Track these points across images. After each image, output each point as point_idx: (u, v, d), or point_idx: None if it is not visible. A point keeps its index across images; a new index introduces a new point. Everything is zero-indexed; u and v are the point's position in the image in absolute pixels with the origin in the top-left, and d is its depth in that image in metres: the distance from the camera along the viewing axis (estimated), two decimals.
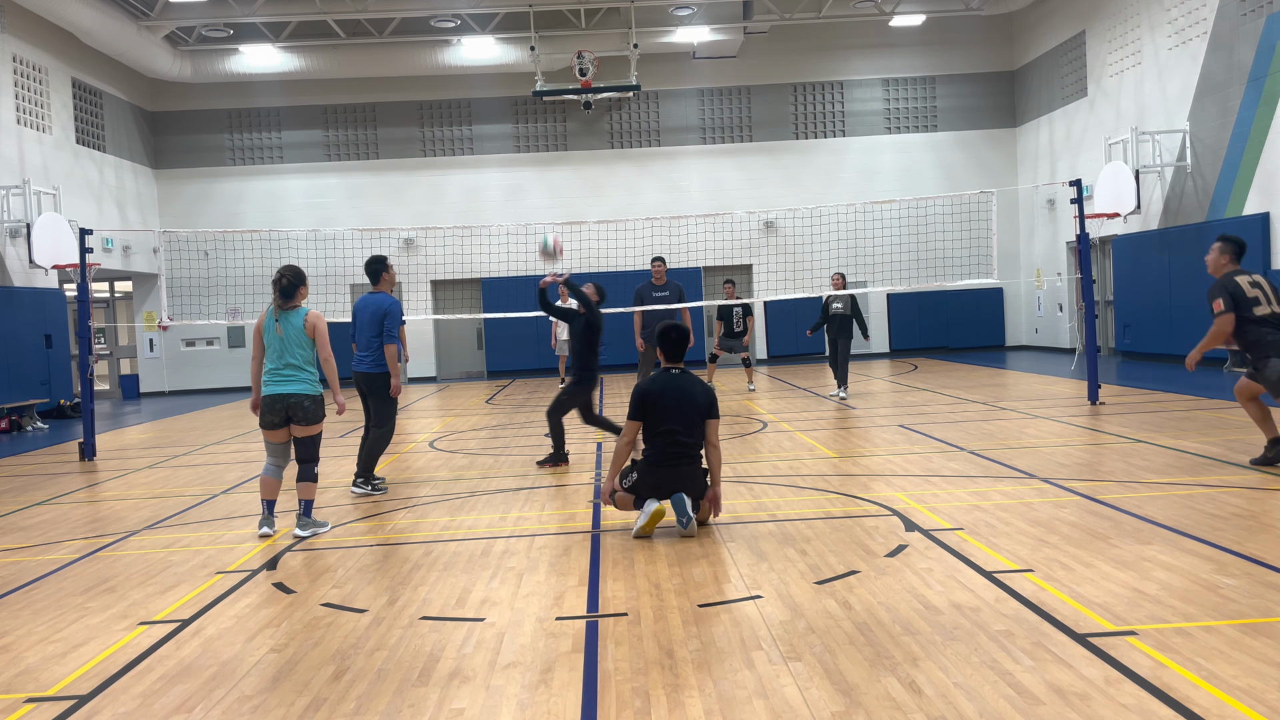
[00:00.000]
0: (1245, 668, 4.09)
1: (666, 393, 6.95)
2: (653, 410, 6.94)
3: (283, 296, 7.37)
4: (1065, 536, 6.30)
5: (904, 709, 3.86)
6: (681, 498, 6.84)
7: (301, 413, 7.30)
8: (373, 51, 23.17)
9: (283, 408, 7.29)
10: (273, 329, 7.38)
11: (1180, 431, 10.31)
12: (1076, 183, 13.24)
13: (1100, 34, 20.94)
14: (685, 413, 6.92)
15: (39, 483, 10.99)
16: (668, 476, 6.91)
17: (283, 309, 7.39)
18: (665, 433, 6.90)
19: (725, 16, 23.05)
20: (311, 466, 7.46)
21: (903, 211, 23.19)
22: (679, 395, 6.95)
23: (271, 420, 7.32)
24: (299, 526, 7.44)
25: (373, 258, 9.50)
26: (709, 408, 6.99)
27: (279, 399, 7.28)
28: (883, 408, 13.94)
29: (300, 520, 7.46)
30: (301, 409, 7.29)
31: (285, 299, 7.37)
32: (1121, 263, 20.20)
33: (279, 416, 7.31)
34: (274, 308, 7.43)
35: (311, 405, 7.33)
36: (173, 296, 22.64)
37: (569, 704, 4.10)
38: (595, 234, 21.73)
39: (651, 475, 6.93)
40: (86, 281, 12.70)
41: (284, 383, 7.29)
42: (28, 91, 19.19)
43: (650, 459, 6.95)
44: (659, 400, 6.94)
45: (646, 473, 6.94)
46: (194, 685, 4.50)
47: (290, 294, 7.38)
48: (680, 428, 6.89)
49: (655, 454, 6.93)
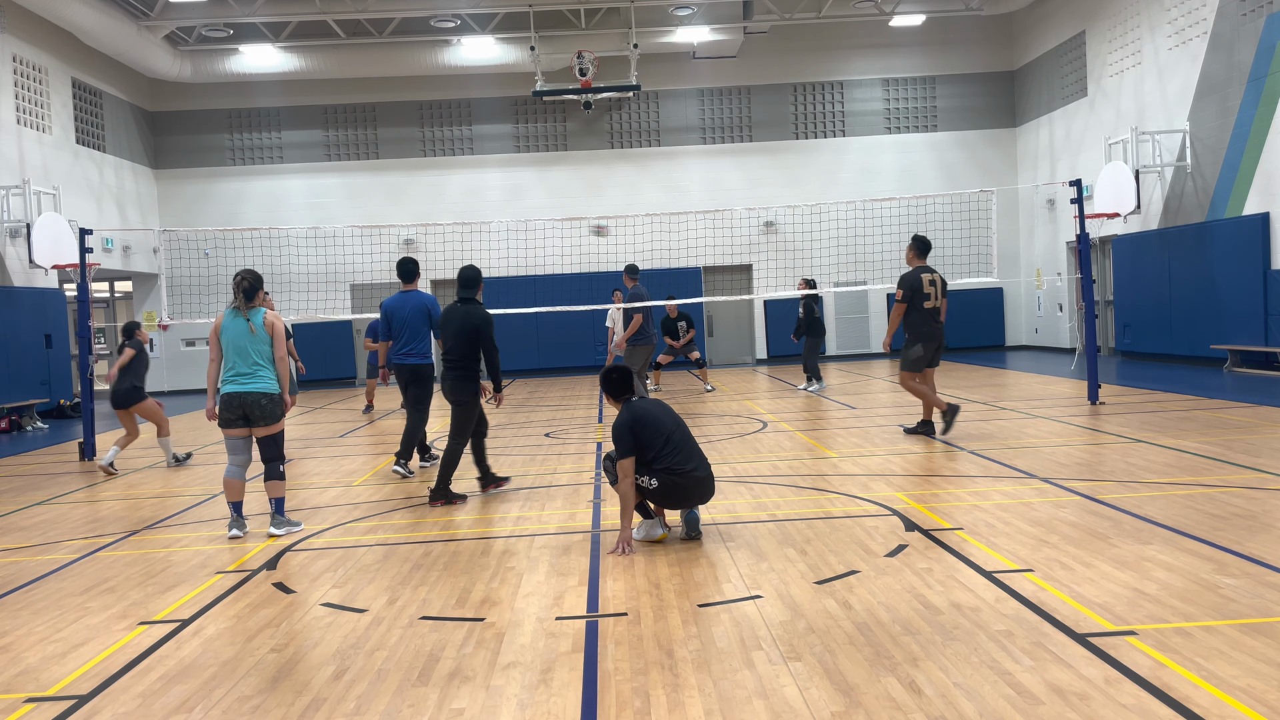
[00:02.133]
0: (1245, 668, 4.09)
1: (652, 416, 6.62)
2: (650, 435, 6.55)
3: (246, 297, 7.49)
4: (1065, 536, 6.29)
5: (904, 709, 3.86)
6: (695, 513, 6.76)
7: (259, 411, 7.40)
8: (373, 51, 23.17)
9: (239, 405, 7.39)
10: (233, 329, 7.47)
11: (1180, 431, 10.31)
12: (1076, 183, 13.24)
13: (1100, 34, 20.94)
14: (682, 428, 6.70)
15: (39, 483, 10.99)
16: (697, 487, 6.63)
17: (246, 309, 7.51)
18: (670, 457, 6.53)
19: (725, 16, 23.05)
20: (277, 465, 7.53)
21: (903, 211, 23.19)
22: (664, 416, 6.66)
23: (228, 418, 7.42)
24: (273, 525, 7.50)
25: (408, 258, 10.05)
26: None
27: (235, 398, 7.39)
28: (883, 408, 13.94)
29: (274, 519, 7.53)
30: (259, 407, 7.40)
31: (248, 299, 7.50)
32: (1121, 263, 20.20)
33: (236, 414, 7.41)
34: (234, 309, 7.55)
35: (269, 404, 7.43)
36: (173, 296, 22.62)
37: (569, 704, 4.09)
38: (594, 235, 21.72)
39: (676, 490, 6.58)
40: (86, 281, 12.71)
41: (243, 382, 7.40)
42: (28, 91, 19.19)
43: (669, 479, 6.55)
44: (654, 425, 6.57)
45: (672, 488, 6.55)
46: (194, 685, 4.50)
47: (252, 295, 7.52)
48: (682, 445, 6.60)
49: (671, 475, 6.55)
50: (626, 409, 6.66)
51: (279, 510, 7.55)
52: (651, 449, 6.51)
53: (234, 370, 7.43)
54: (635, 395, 6.80)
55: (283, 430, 7.60)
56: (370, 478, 10.05)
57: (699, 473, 6.59)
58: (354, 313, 24.03)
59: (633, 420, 6.55)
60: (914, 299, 10.44)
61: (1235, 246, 16.60)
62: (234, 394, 7.39)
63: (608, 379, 6.83)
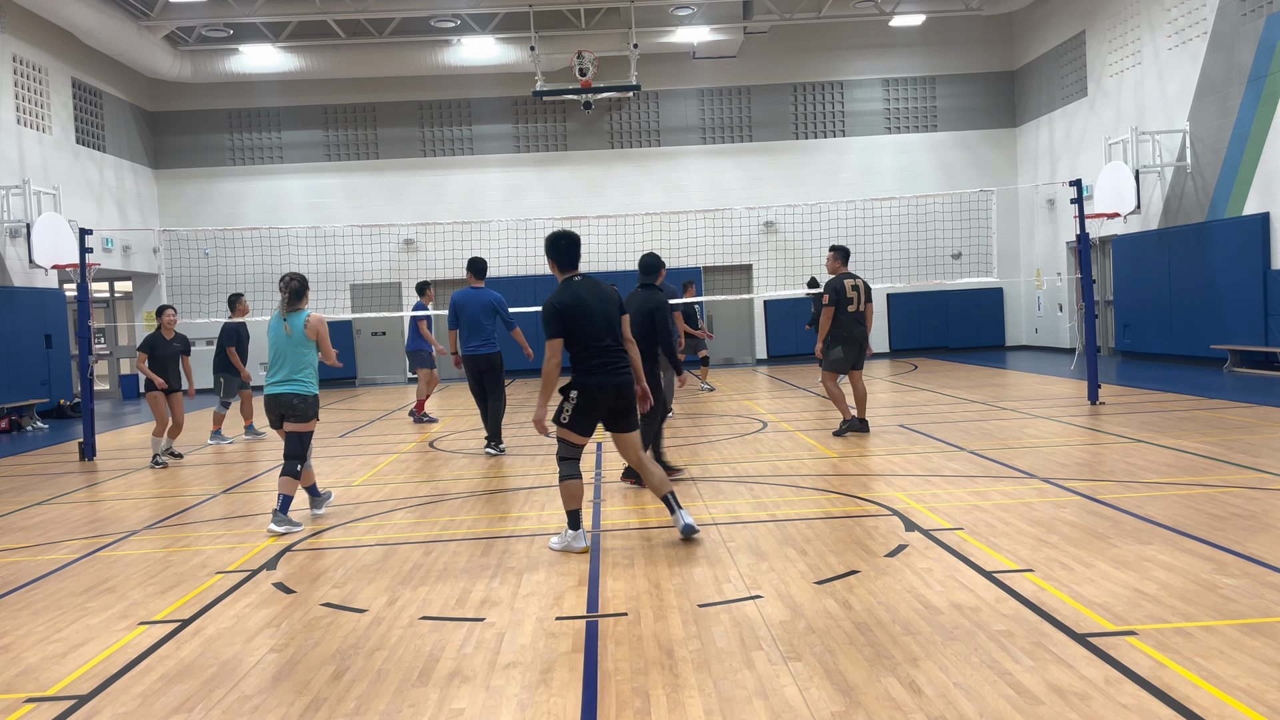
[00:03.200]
0: (1245, 668, 4.09)
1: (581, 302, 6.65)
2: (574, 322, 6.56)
3: (294, 297, 7.77)
4: (1065, 536, 6.29)
5: (904, 709, 3.86)
6: (689, 522, 6.67)
7: (292, 410, 7.70)
8: (373, 51, 23.17)
9: (276, 406, 7.74)
10: (273, 331, 7.81)
11: (1180, 431, 10.31)
12: (1076, 183, 13.24)
13: (1100, 34, 20.94)
14: (608, 316, 6.67)
15: (39, 483, 10.99)
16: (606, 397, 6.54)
17: (289, 311, 7.77)
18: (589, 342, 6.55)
19: (725, 16, 23.05)
20: (294, 464, 7.68)
21: (902, 211, 23.20)
22: (598, 300, 6.67)
23: (272, 420, 7.81)
24: (274, 522, 7.59)
25: (479, 258, 11.56)
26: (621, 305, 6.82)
27: (272, 399, 7.74)
28: (883, 408, 13.94)
29: (275, 516, 7.62)
30: (291, 407, 7.69)
31: (295, 301, 7.78)
32: (1121, 263, 20.20)
33: (275, 416, 7.77)
34: (280, 311, 7.82)
35: (301, 405, 7.69)
36: (173, 296, 22.61)
37: (569, 704, 4.09)
38: (596, 232, 21.71)
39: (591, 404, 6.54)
40: (86, 281, 12.71)
41: (279, 385, 7.72)
42: (28, 91, 19.19)
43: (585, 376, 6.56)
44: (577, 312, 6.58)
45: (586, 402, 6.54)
46: (194, 685, 4.50)
47: (299, 297, 7.80)
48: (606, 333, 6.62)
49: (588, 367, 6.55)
50: (563, 292, 6.71)
51: (283, 508, 7.60)
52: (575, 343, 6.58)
53: (272, 372, 7.77)
54: (579, 276, 6.86)
55: (311, 432, 7.79)
56: (370, 477, 10.05)
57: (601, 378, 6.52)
58: (354, 312, 24.03)
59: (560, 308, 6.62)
60: (839, 303, 11.15)
61: (1235, 246, 16.61)
62: (271, 396, 7.73)
63: (555, 244, 6.93)
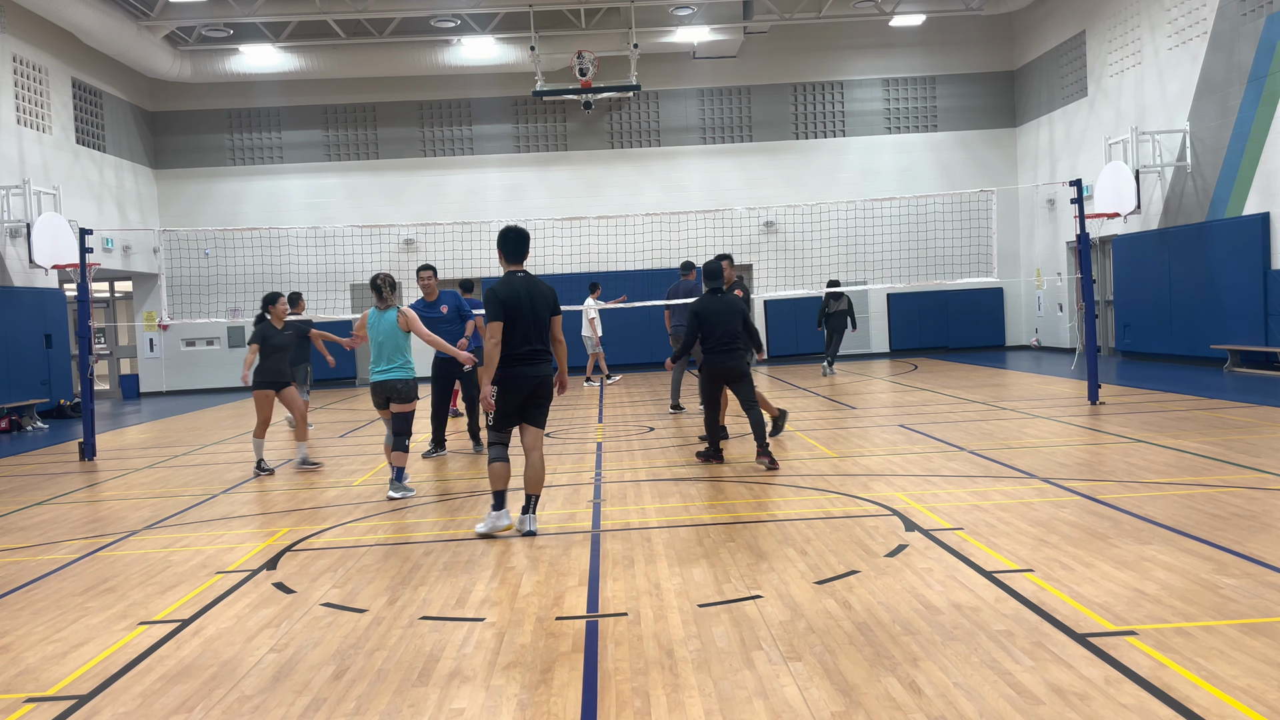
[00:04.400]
0: (1245, 668, 4.09)
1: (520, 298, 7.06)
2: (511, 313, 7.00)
3: (384, 296, 8.89)
4: (1065, 536, 6.29)
5: (904, 709, 3.86)
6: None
7: (396, 394, 8.86)
8: (373, 51, 23.17)
9: (382, 391, 8.89)
10: (380, 325, 8.92)
11: (1180, 431, 10.31)
12: (1076, 183, 13.23)
13: (1100, 34, 20.94)
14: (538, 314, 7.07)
15: (39, 483, 10.99)
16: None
17: (380, 309, 8.93)
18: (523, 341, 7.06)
19: (725, 16, 23.04)
20: (403, 439, 8.85)
21: (902, 211, 23.20)
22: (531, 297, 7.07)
23: (377, 401, 8.96)
24: (391, 489, 8.77)
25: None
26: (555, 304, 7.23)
27: (379, 385, 8.92)
28: (883, 408, 13.94)
29: (392, 484, 8.80)
30: (396, 390, 8.87)
31: (388, 295, 8.90)
32: (1121, 263, 20.20)
33: (381, 399, 8.91)
34: (375, 308, 8.98)
35: (404, 387, 8.89)
36: (173, 296, 22.64)
37: (569, 704, 4.09)
38: (596, 232, 21.73)
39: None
40: (86, 281, 12.70)
41: (383, 372, 8.90)
42: (28, 91, 19.19)
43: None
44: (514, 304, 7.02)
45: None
46: (194, 685, 4.50)
47: (387, 292, 8.90)
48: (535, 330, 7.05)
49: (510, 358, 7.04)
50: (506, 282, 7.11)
51: (399, 477, 8.77)
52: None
53: (377, 362, 8.93)
54: (521, 273, 7.22)
55: (413, 411, 8.92)
56: (370, 477, 10.05)
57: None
58: (354, 312, 24.02)
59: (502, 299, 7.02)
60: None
61: (1235, 246, 16.60)
62: (377, 382, 8.91)
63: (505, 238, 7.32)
